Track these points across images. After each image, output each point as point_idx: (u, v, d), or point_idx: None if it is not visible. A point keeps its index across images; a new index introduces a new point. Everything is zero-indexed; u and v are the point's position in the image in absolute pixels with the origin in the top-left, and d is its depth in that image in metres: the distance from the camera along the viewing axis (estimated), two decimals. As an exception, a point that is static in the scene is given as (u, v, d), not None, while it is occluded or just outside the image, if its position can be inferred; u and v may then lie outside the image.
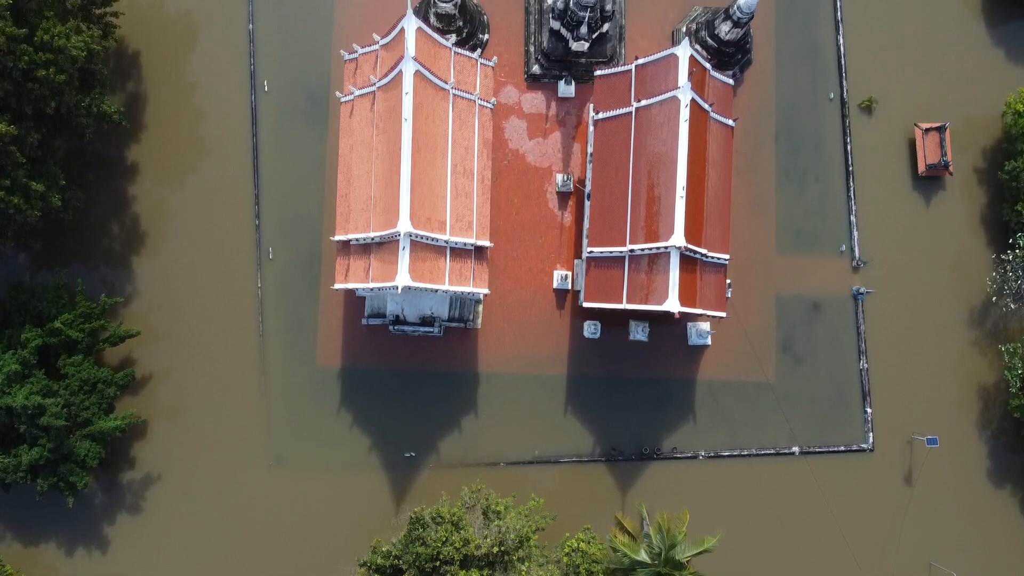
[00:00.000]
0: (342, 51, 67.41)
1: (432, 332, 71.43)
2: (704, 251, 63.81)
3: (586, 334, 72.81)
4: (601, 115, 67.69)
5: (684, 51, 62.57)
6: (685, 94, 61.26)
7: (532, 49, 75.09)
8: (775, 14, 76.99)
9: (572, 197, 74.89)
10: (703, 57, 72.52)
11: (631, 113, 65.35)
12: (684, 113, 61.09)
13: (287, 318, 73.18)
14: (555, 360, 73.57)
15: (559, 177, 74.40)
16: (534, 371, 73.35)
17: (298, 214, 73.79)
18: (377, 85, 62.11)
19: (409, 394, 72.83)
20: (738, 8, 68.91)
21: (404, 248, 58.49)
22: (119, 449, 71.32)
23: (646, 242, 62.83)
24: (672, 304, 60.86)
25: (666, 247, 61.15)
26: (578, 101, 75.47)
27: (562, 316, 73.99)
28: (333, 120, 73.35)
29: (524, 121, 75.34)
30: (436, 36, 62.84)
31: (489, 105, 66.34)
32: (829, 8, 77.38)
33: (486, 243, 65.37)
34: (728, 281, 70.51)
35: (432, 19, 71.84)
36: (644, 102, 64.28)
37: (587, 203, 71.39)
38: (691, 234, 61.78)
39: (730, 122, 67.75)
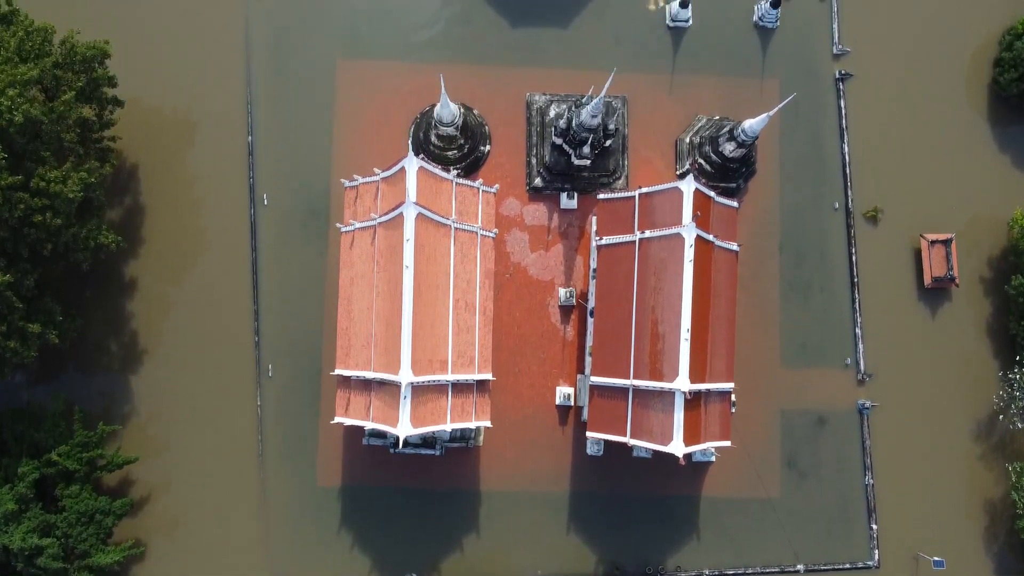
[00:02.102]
0: (343, 180, 66.72)
1: (433, 453, 70.76)
2: (709, 387, 63.07)
3: (589, 451, 72.04)
4: (604, 241, 66.94)
5: (688, 186, 61.77)
6: (690, 233, 60.47)
7: (534, 161, 74.34)
8: (779, 122, 76.14)
9: (575, 311, 74.15)
10: (707, 176, 72.28)
11: (634, 242, 64.60)
12: (689, 253, 60.32)
13: (287, 436, 72.45)
14: (557, 477, 72.82)
15: (562, 292, 73.66)
16: (536, 488, 72.61)
17: (298, 331, 73.04)
18: (378, 221, 61.36)
19: (410, 513, 72.12)
20: (743, 131, 68.23)
21: (405, 397, 57.72)
22: (117, 571, 70.43)
23: (650, 379, 62.06)
24: (677, 447, 60.07)
25: (671, 389, 60.38)
26: (580, 213, 74.76)
27: (564, 432, 73.27)
28: (333, 235, 72.62)
29: (526, 234, 74.59)
30: (437, 171, 62.09)
31: (491, 235, 65.61)
32: (834, 117, 76.67)
33: (488, 376, 64.64)
34: (732, 398, 69.80)
35: (434, 139, 71.14)
36: (648, 234, 63.52)
37: (590, 320, 70.80)
38: (695, 372, 60.99)
39: (735, 247, 67.04)
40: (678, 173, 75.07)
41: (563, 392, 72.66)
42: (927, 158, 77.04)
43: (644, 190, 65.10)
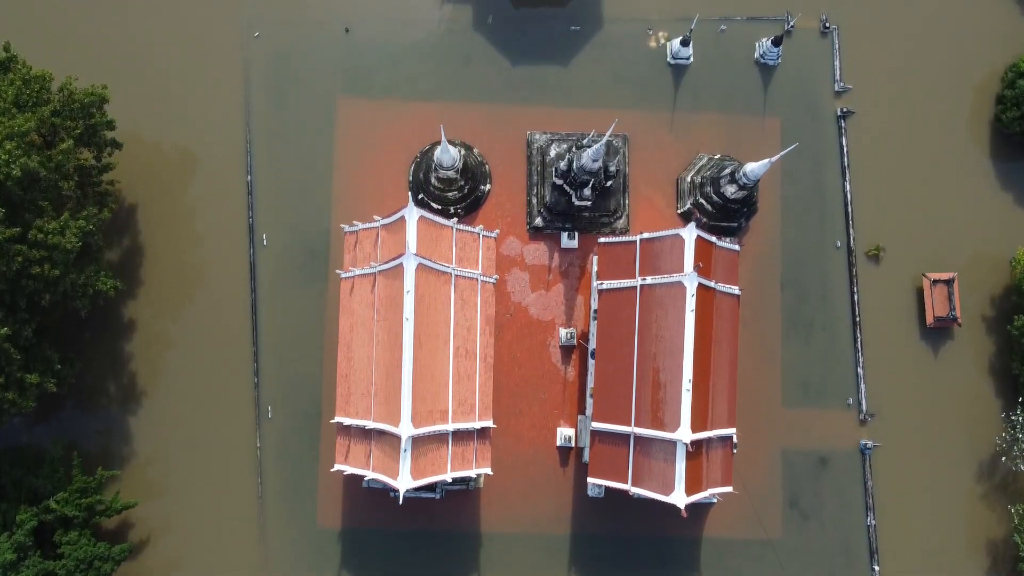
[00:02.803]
0: (342, 225, 66.50)
1: (433, 496, 70.43)
2: (711, 434, 62.77)
3: (590, 493, 71.57)
4: (605, 285, 66.63)
5: (690, 234, 61.44)
6: (691, 282, 60.17)
7: (535, 201, 74.01)
8: (781, 160, 75.56)
9: (575, 351, 73.84)
10: (708, 215, 71.99)
11: (636, 288, 64.28)
12: (690, 303, 60.00)
13: (287, 478, 72.19)
14: (559, 519, 72.52)
15: (562, 332, 73.31)
16: (537, 530, 72.28)
17: (297, 372, 72.78)
18: (378, 269, 61.06)
19: (411, 555, 71.81)
20: (744, 175, 67.93)
21: (405, 450, 57.41)
22: (116, 615, 70.29)
23: (651, 428, 61.73)
24: (679, 497, 59.82)
25: (672, 439, 60.07)
26: (581, 252, 74.42)
27: (565, 474, 72.96)
28: (332, 275, 72.22)
29: (527, 273, 74.26)
30: (437, 219, 61.85)
31: (492, 280, 65.30)
32: (835, 155, 76.36)
33: (488, 423, 64.32)
34: (735, 439, 69.38)
35: (434, 181, 70.85)
36: (649, 280, 63.25)
37: (591, 361, 70.50)
38: (697, 422, 60.69)
39: (736, 291, 66.67)
40: (679, 212, 74.83)
41: (564, 434, 72.35)
42: (929, 196, 76.68)
43: (645, 236, 64.79)
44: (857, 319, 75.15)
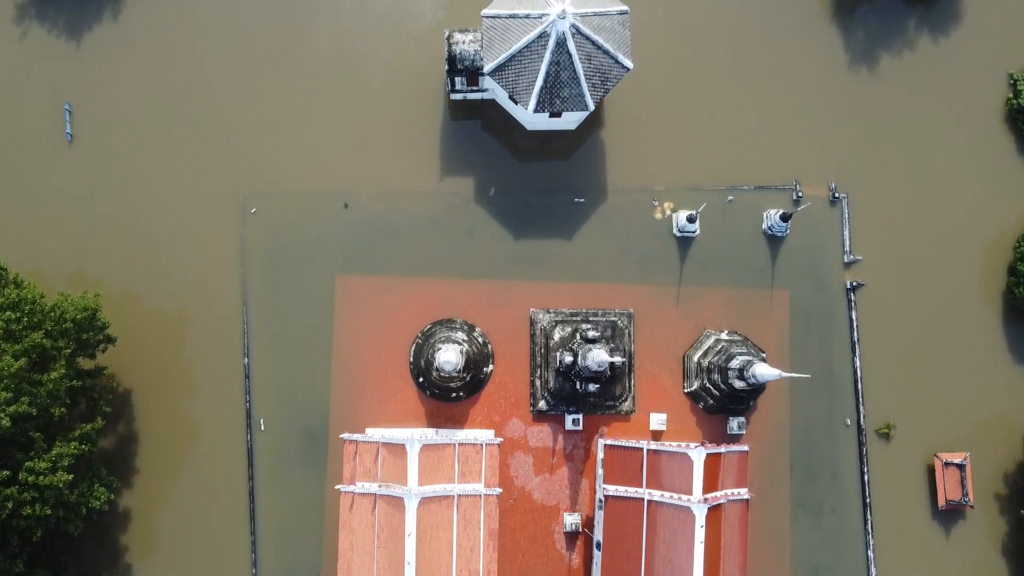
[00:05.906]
0: (343, 435, 64.97)
1: None
2: (720, 657, 61.43)
3: None
4: (611, 491, 65.13)
5: (698, 455, 60.05)
6: (700, 511, 58.69)
7: (539, 383, 72.41)
8: (790, 335, 74.40)
9: (580, 537, 72.26)
10: (716, 399, 70.57)
11: (643, 500, 62.80)
12: (699, 535, 58.54)
13: (286, 671, 70.81)
14: None
15: (567, 519, 71.71)
16: None
17: (297, 562, 71.17)
18: (378, 493, 59.52)
19: None
20: (753, 375, 66.27)
21: None
22: None
23: (660, 654, 60.41)
24: None
25: (681, 672, 58.73)
26: (586, 434, 72.79)
27: (571, 665, 71.58)
28: (332, 459, 70.78)
29: (530, 456, 72.68)
30: (438, 440, 60.32)
31: (495, 493, 63.76)
32: (845, 330, 74.76)
33: (493, 644, 62.97)
34: (743, 636, 68.03)
35: (435, 374, 69.23)
36: (656, 497, 61.85)
37: (596, 552, 68.99)
38: (707, 650, 59.39)
39: (746, 495, 65.23)
40: (686, 391, 73.21)
41: (569, 626, 70.98)
42: (941, 370, 75.00)
43: (652, 446, 63.48)
44: (867, 500, 73.66)
